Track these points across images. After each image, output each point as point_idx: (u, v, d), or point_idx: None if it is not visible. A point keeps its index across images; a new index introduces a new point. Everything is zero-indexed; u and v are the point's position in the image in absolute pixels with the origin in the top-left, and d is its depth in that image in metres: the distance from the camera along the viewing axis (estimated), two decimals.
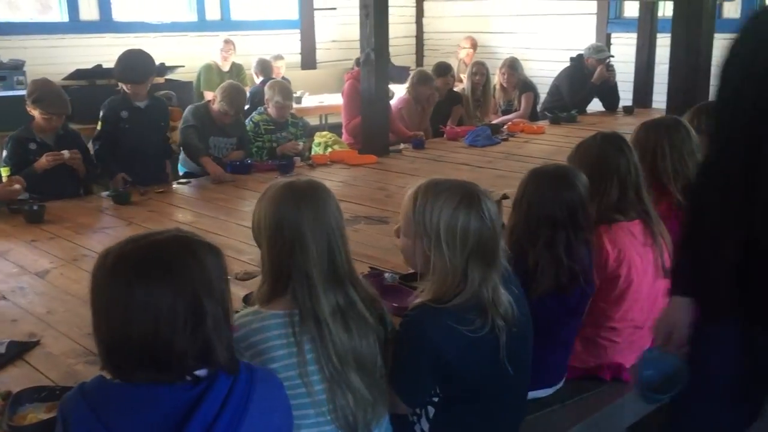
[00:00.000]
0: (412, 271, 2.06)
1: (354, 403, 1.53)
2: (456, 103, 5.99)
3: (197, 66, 6.91)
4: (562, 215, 1.96)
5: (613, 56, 6.61)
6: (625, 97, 6.60)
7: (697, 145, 2.58)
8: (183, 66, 6.42)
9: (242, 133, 4.66)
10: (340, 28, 8.28)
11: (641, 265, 2.22)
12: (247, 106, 5.95)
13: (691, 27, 3.33)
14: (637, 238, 2.23)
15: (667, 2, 5.59)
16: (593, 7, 7.78)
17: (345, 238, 1.56)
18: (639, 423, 2.38)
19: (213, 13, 7.77)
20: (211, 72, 6.86)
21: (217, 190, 4.03)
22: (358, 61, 5.62)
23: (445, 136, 5.44)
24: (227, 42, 6.89)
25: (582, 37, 7.02)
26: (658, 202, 2.52)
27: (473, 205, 1.62)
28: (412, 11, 9.56)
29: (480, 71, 6.12)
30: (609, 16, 7.78)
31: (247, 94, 6.32)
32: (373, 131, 4.79)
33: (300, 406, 1.50)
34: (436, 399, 1.78)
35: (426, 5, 9.49)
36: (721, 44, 6.39)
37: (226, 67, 6.84)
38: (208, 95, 5.86)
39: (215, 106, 4.42)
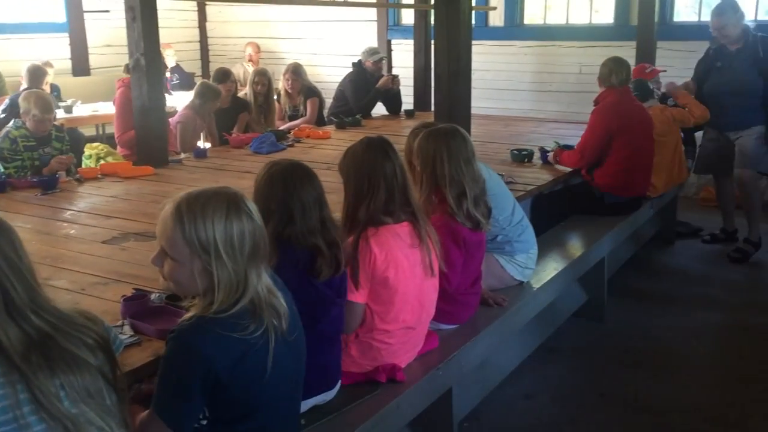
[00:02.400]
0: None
1: None
2: (242, 110, 5.84)
3: None
4: (320, 197, 2.06)
5: (384, 57, 6.90)
6: (407, 100, 6.87)
7: (472, 153, 2.66)
8: None
9: None
10: (114, 31, 7.74)
11: (408, 266, 2.27)
12: (3, 115, 5.40)
13: (450, 34, 3.49)
14: (403, 239, 2.28)
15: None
16: (374, 14, 8.02)
17: (21, 269, 1.39)
18: (419, 418, 2.45)
19: None
20: None
21: None
22: (128, 68, 5.29)
23: (229, 144, 5.29)
24: None
25: (365, 43, 7.18)
26: (436, 207, 2.61)
27: (241, 208, 1.62)
28: (195, 15, 9.24)
29: (261, 81, 6.01)
30: (388, 23, 8.06)
31: (6, 103, 5.74)
32: (149, 141, 4.51)
33: None
34: (204, 422, 1.69)
35: (209, 10, 9.20)
36: (486, 50, 6.89)
37: None
38: None
39: None
